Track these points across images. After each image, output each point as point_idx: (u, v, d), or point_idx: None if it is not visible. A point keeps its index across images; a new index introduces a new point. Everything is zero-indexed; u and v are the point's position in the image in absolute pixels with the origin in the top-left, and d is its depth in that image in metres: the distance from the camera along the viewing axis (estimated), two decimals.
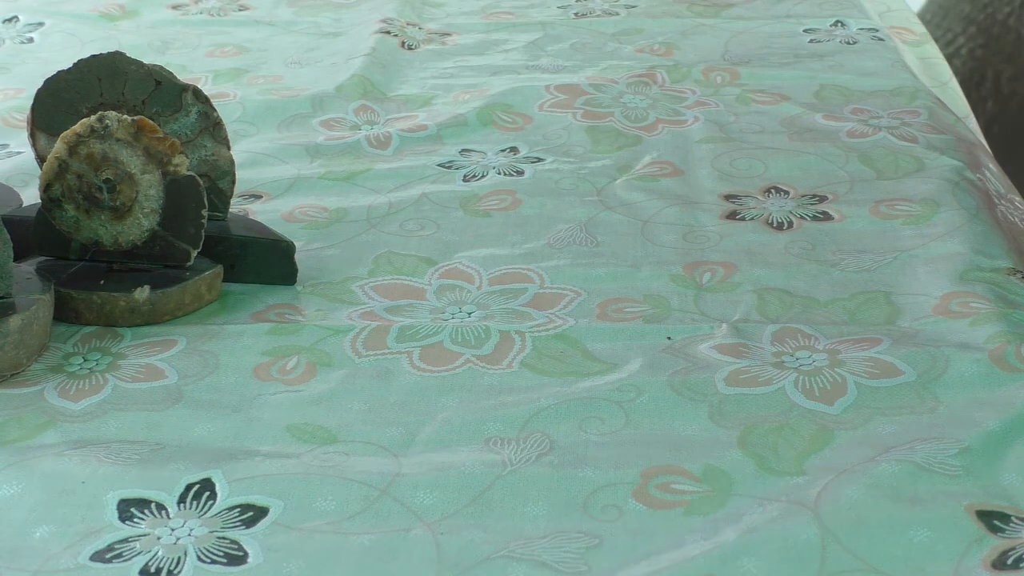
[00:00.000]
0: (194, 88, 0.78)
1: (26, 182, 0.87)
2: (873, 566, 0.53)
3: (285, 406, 0.65)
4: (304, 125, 0.97)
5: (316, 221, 0.82)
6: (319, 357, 0.69)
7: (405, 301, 0.74)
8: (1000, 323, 0.69)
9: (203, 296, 0.74)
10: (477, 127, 0.96)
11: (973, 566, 0.53)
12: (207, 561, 0.55)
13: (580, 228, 0.81)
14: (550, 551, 0.55)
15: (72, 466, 0.61)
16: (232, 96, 1.01)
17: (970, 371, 0.65)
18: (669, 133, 0.94)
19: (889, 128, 0.93)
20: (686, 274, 0.75)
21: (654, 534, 0.56)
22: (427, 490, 0.59)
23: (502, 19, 1.18)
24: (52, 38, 1.16)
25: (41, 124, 0.78)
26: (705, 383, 0.65)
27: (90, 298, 0.72)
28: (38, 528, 0.57)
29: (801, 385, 0.65)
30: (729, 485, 0.58)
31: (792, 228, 0.80)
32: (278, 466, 0.60)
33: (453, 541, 0.56)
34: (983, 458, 0.59)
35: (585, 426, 0.62)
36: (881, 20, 1.16)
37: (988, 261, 0.75)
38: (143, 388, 0.67)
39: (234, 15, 1.21)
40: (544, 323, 0.71)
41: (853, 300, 0.72)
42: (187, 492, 0.59)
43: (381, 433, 0.63)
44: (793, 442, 0.61)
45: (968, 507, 0.56)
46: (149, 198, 0.73)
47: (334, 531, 0.56)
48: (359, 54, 1.08)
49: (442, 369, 0.67)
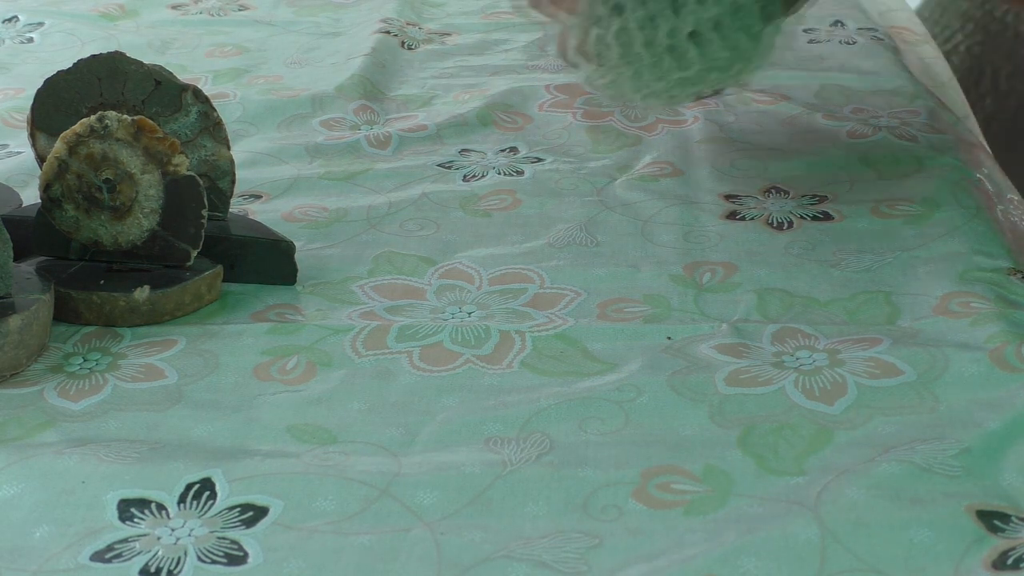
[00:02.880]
0: (194, 88, 0.78)
1: (26, 182, 0.87)
2: (873, 566, 0.53)
3: (285, 406, 0.65)
4: (304, 125, 0.97)
5: (316, 221, 0.82)
6: (319, 357, 0.69)
7: (405, 301, 0.74)
8: (1000, 323, 0.69)
9: (203, 296, 0.74)
10: (477, 127, 0.96)
11: (973, 566, 0.53)
12: (207, 561, 0.55)
13: (580, 228, 0.81)
14: (550, 551, 0.55)
15: (72, 466, 0.61)
16: (232, 96, 1.01)
17: (970, 371, 0.65)
18: (669, 133, 0.94)
19: (889, 128, 0.93)
20: (686, 274, 0.75)
21: (654, 534, 0.56)
22: (427, 490, 0.59)
23: (502, 19, 1.18)
24: (52, 38, 1.16)
25: (41, 124, 0.78)
26: (705, 383, 0.65)
27: (90, 298, 0.72)
28: (38, 528, 0.57)
29: (801, 385, 0.65)
30: (729, 485, 0.58)
31: (792, 228, 0.80)
32: (278, 466, 0.60)
33: (453, 541, 0.56)
34: (983, 458, 0.59)
35: (585, 426, 0.62)
36: (881, 20, 1.16)
37: (988, 261, 0.75)
38: (143, 388, 0.67)
39: (234, 15, 1.21)
40: (544, 323, 0.71)
41: (853, 300, 0.72)
42: (187, 492, 0.59)
43: (381, 433, 0.63)
44: (793, 442, 0.61)
45: (968, 507, 0.56)
46: (149, 198, 0.73)
47: (334, 531, 0.56)
48: (359, 54, 1.08)
49: (442, 369, 0.67)
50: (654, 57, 0.73)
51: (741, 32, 0.74)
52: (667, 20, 0.73)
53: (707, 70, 0.74)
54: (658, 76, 0.73)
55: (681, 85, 0.74)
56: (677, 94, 0.75)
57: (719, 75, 0.75)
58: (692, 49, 0.73)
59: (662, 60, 0.73)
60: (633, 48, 0.73)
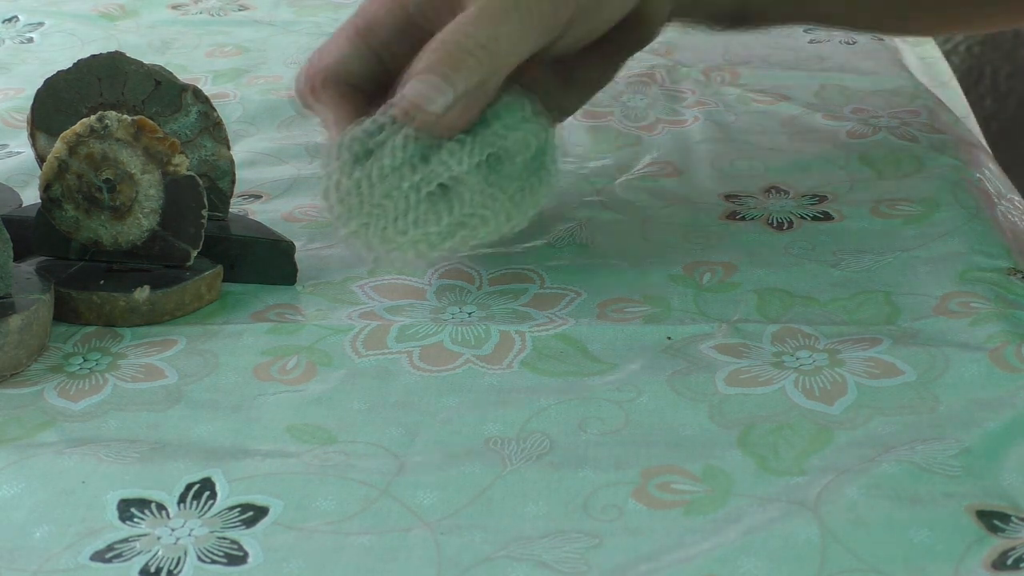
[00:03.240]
0: (194, 88, 0.78)
1: (26, 182, 0.87)
2: (873, 566, 0.53)
3: (285, 406, 0.65)
4: (304, 125, 0.97)
5: (316, 221, 0.82)
6: (319, 357, 0.69)
7: (405, 301, 0.74)
8: (1000, 323, 0.69)
9: (203, 296, 0.74)
10: None
11: (973, 566, 0.53)
12: (207, 561, 0.55)
13: (580, 228, 0.81)
14: (550, 551, 0.55)
15: (72, 466, 0.61)
16: (232, 96, 1.01)
17: (970, 371, 0.65)
18: (669, 133, 0.94)
19: (889, 128, 0.93)
20: (686, 274, 0.75)
21: (654, 534, 0.56)
22: (427, 490, 0.59)
23: None
24: (52, 38, 1.16)
25: (41, 124, 0.78)
26: (705, 383, 0.65)
27: (90, 298, 0.72)
28: (38, 528, 0.57)
29: (801, 385, 0.65)
30: (729, 485, 0.58)
31: (792, 228, 0.80)
32: (278, 466, 0.60)
33: (453, 541, 0.56)
34: (983, 458, 0.59)
35: (585, 426, 0.62)
36: None
37: (988, 261, 0.75)
38: (143, 388, 0.67)
39: (234, 15, 1.21)
40: (544, 323, 0.71)
41: (853, 300, 0.72)
42: (187, 492, 0.59)
43: (381, 433, 0.63)
44: (793, 442, 0.61)
45: (968, 507, 0.56)
46: (149, 198, 0.73)
47: (334, 531, 0.56)
48: None
49: (442, 369, 0.67)
50: (396, 210, 0.68)
51: (497, 187, 0.69)
52: (414, 171, 0.68)
53: (456, 226, 0.68)
54: (401, 231, 0.68)
55: (427, 241, 0.68)
56: (424, 250, 0.69)
57: (469, 233, 0.69)
58: (440, 203, 0.68)
59: (405, 214, 0.68)
60: (374, 199, 0.68)
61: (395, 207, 0.68)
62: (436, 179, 0.68)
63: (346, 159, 0.69)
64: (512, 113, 0.71)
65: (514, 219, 0.70)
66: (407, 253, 0.69)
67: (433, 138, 0.68)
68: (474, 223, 0.68)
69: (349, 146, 0.69)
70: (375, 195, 0.68)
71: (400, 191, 0.68)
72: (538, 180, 0.71)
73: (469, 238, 0.69)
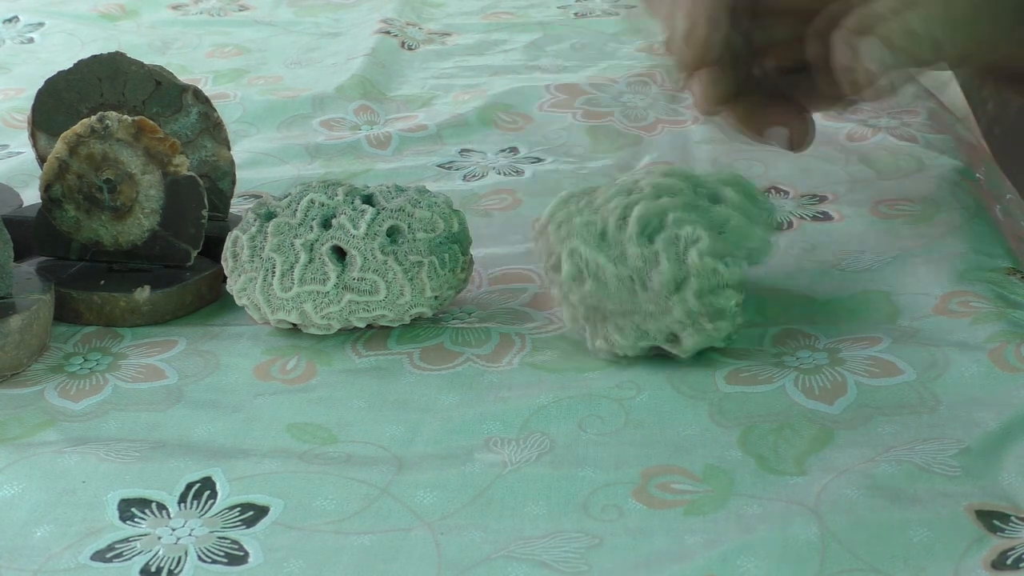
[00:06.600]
0: (194, 88, 0.78)
1: (26, 182, 0.87)
2: (873, 566, 0.53)
3: (285, 406, 0.65)
4: (304, 125, 0.97)
5: None
6: (319, 357, 0.69)
7: None
8: (1000, 323, 0.69)
9: (203, 296, 0.74)
10: (477, 127, 0.96)
11: (973, 566, 0.53)
12: (207, 561, 0.55)
13: None
14: (550, 551, 0.55)
15: (72, 465, 0.61)
16: (232, 96, 1.01)
17: (970, 371, 0.65)
18: (669, 133, 0.94)
19: (889, 128, 0.93)
20: None
21: (654, 534, 0.56)
22: (427, 489, 0.59)
23: (502, 19, 1.18)
24: (52, 38, 1.16)
25: (41, 124, 0.78)
26: (705, 381, 0.65)
27: (90, 298, 0.72)
28: (38, 527, 0.57)
29: (801, 384, 0.65)
30: (729, 485, 0.58)
31: (792, 228, 0.80)
32: (278, 465, 0.60)
33: (453, 541, 0.56)
34: (983, 458, 0.59)
35: (585, 425, 0.62)
36: None
37: (988, 261, 0.75)
38: (143, 388, 0.67)
39: (234, 15, 1.21)
40: (544, 324, 0.71)
41: (853, 300, 0.72)
42: (187, 491, 0.59)
43: (381, 432, 0.63)
44: (793, 442, 0.61)
45: (968, 507, 0.56)
46: (149, 198, 0.73)
47: (334, 531, 0.56)
48: (359, 54, 1.08)
49: (442, 367, 0.67)
50: (285, 265, 0.67)
51: (392, 257, 0.67)
52: (310, 230, 0.67)
53: (343, 290, 0.67)
54: (286, 287, 0.67)
55: (313, 301, 0.67)
56: (309, 312, 0.67)
57: (356, 298, 0.67)
58: (330, 264, 0.67)
59: (291, 270, 0.67)
60: (265, 252, 0.67)
61: (284, 261, 0.67)
62: (331, 240, 0.67)
63: (250, 219, 0.69)
64: (424, 195, 0.70)
65: (408, 296, 0.68)
66: (290, 314, 0.67)
67: (338, 207, 0.68)
68: (363, 288, 0.67)
69: (256, 208, 0.69)
70: (266, 248, 0.67)
71: (292, 247, 0.67)
72: (442, 264, 0.68)
73: (357, 308, 0.67)
